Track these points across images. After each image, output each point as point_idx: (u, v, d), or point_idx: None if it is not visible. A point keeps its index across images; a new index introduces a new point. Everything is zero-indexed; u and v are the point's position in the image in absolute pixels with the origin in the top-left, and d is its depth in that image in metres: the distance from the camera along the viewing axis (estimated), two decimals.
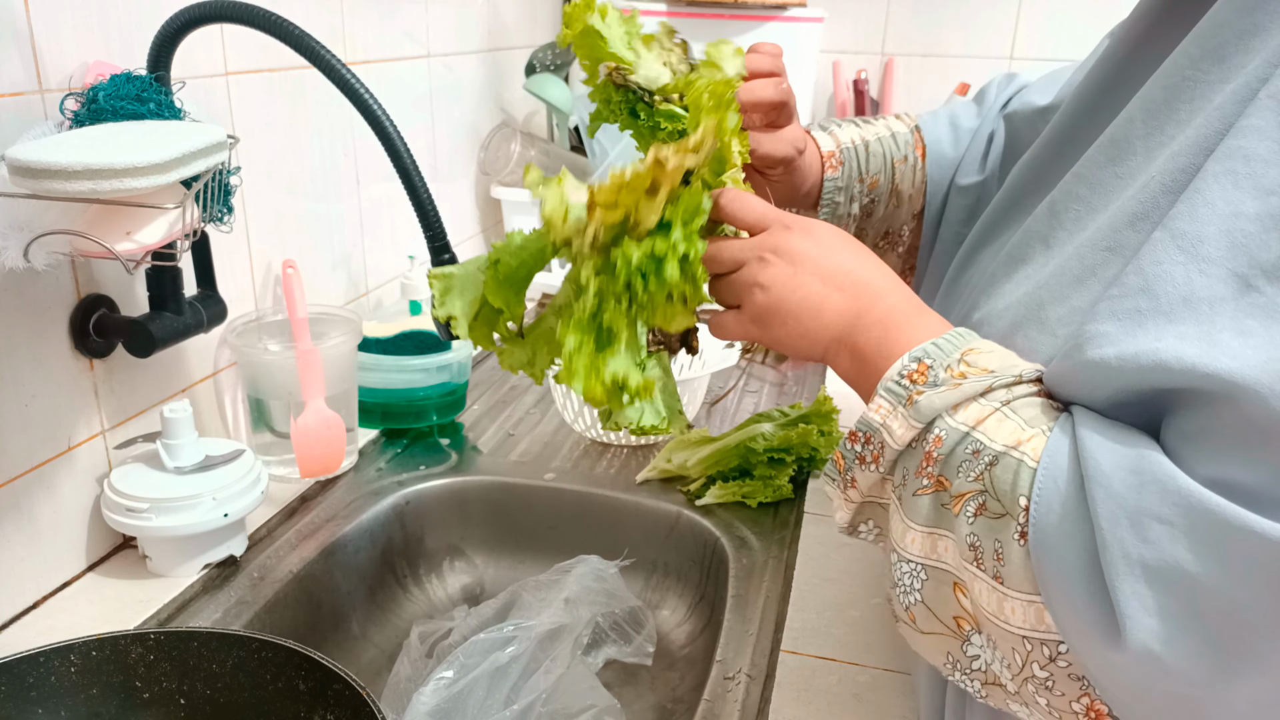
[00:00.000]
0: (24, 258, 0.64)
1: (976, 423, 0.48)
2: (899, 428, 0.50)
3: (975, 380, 0.49)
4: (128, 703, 0.61)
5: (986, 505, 0.47)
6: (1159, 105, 0.51)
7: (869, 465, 0.52)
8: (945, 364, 0.50)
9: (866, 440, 0.52)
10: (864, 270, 0.57)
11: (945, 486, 0.48)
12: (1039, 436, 0.47)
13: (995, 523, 0.46)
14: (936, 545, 0.49)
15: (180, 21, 0.72)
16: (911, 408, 0.50)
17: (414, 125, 1.30)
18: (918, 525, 0.50)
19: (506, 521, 1.02)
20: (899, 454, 0.51)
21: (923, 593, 0.50)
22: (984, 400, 0.49)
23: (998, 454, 0.47)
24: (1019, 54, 1.71)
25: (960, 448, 0.48)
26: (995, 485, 0.46)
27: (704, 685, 0.72)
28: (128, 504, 0.77)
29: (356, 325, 0.96)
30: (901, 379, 0.51)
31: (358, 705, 0.56)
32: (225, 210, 0.76)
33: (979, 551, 0.47)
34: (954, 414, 0.49)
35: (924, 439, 0.50)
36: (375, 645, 0.92)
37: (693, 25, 1.59)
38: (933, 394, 0.49)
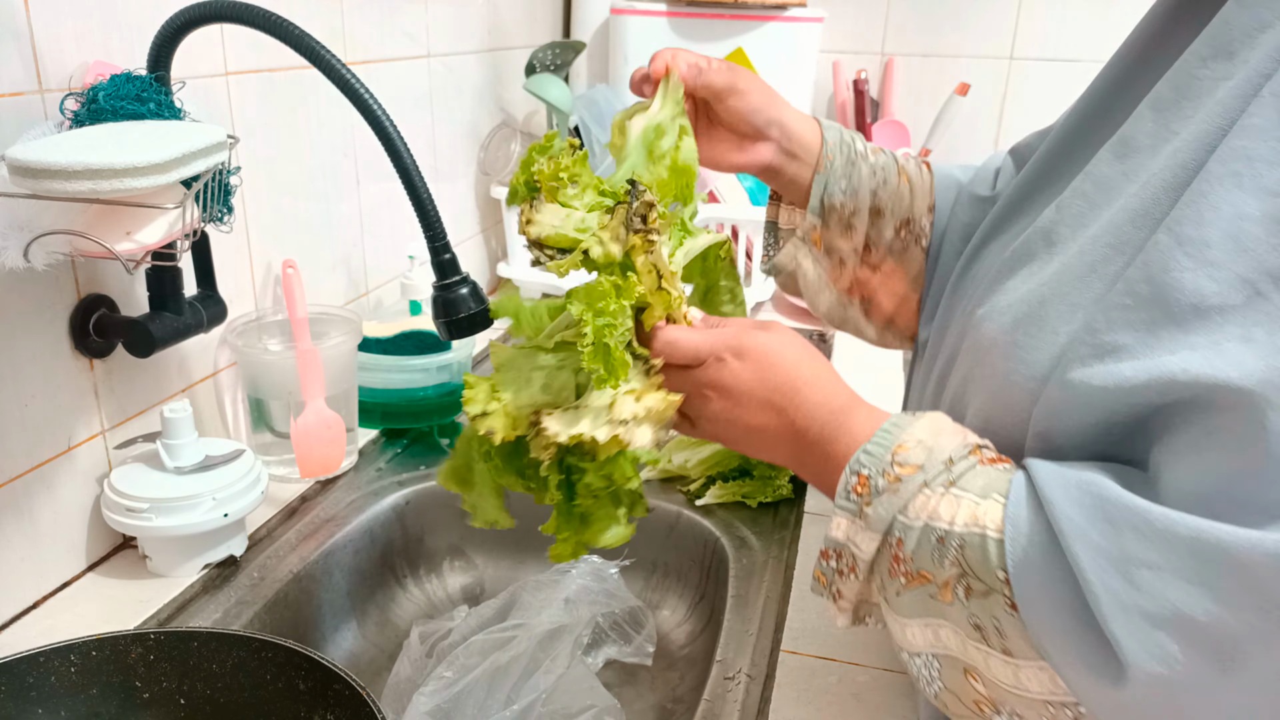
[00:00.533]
0: (24, 258, 0.64)
1: (930, 513, 0.49)
2: (863, 540, 0.52)
3: (909, 479, 0.50)
4: (128, 703, 0.61)
5: (971, 586, 0.47)
6: (1167, 104, 0.51)
7: (848, 576, 0.53)
8: (880, 469, 0.51)
9: (838, 555, 0.53)
10: (800, 384, 0.58)
11: (926, 579, 0.49)
12: (994, 506, 0.48)
13: (985, 601, 0.47)
14: (938, 634, 0.50)
15: (180, 21, 0.72)
16: (865, 519, 0.51)
17: (414, 125, 1.30)
18: (911, 619, 0.51)
19: None
20: (870, 561, 0.52)
21: (943, 681, 0.51)
22: (927, 491, 0.50)
23: (962, 535, 0.48)
24: (1019, 54, 1.71)
25: (923, 540, 0.49)
26: (971, 566, 0.47)
27: (704, 685, 0.72)
28: (128, 504, 0.77)
29: (356, 325, 0.96)
30: (849, 494, 0.52)
31: (357, 705, 0.56)
32: (225, 210, 0.76)
33: (984, 630, 0.47)
34: (905, 513, 0.50)
35: (888, 543, 0.51)
36: (375, 645, 0.92)
37: (693, 25, 1.59)
38: (877, 504, 0.51)
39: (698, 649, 0.91)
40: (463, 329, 0.75)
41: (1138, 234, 0.48)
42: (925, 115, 1.73)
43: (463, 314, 0.74)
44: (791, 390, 0.58)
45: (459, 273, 0.74)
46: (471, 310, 0.74)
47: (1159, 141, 0.50)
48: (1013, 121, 1.75)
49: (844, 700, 0.69)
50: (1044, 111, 0.90)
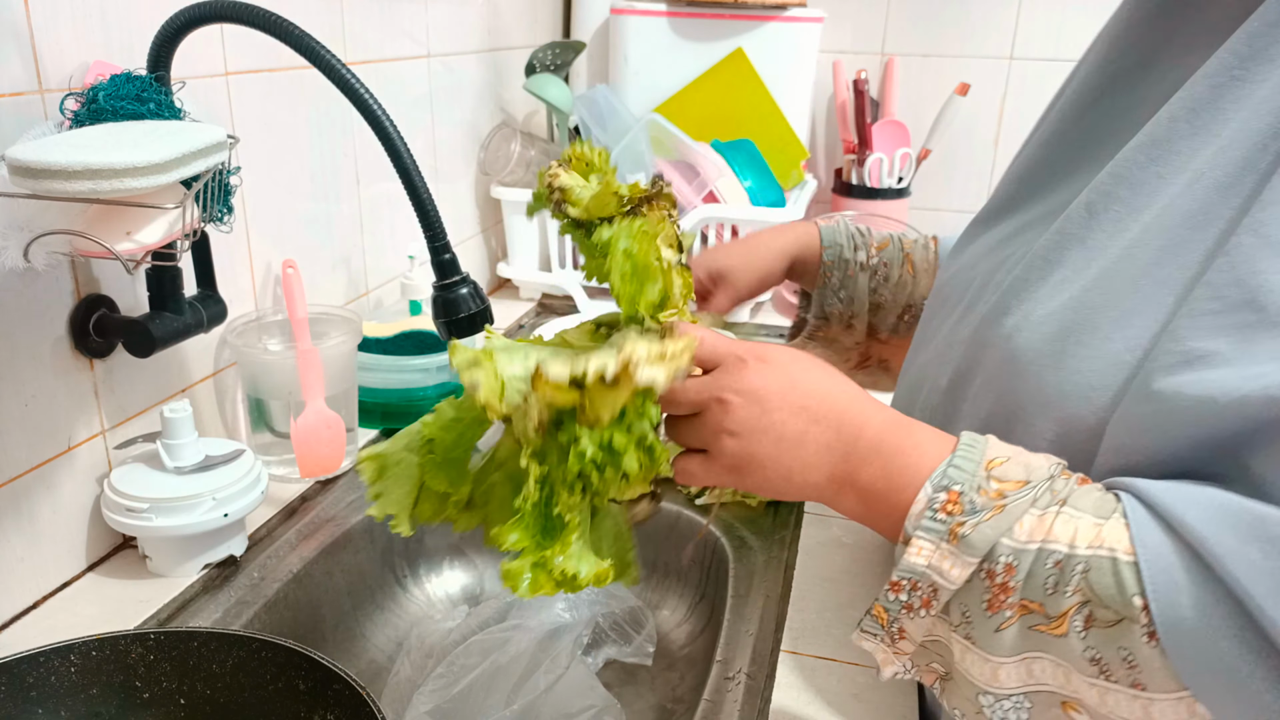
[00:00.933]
0: (24, 258, 0.64)
1: (1044, 535, 0.45)
2: (951, 567, 0.46)
3: (1017, 496, 0.46)
4: (128, 703, 0.61)
5: (1095, 615, 0.44)
6: (1204, 104, 0.49)
7: (918, 612, 0.48)
8: (975, 486, 0.47)
9: (913, 587, 0.47)
10: (837, 393, 0.52)
11: (1033, 609, 0.45)
12: (1117, 526, 0.44)
13: (1112, 631, 0.43)
14: (1032, 670, 0.46)
15: (180, 21, 0.72)
16: (960, 543, 0.46)
17: (414, 125, 1.30)
18: (1006, 657, 0.46)
19: None
20: (955, 593, 0.47)
21: None
22: (1036, 509, 0.46)
23: (1086, 559, 0.44)
24: (1019, 54, 1.71)
25: (1038, 566, 0.45)
26: (1097, 592, 0.43)
27: (704, 685, 0.72)
28: (128, 504, 0.77)
29: (356, 325, 0.96)
30: (935, 514, 0.47)
31: (358, 705, 0.56)
32: (225, 210, 0.76)
33: (1104, 664, 0.44)
34: (1012, 535, 0.45)
35: (988, 571, 0.46)
36: (375, 645, 0.92)
37: (693, 25, 1.59)
38: (980, 525, 0.45)
39: (698, 649, 0.91)
40: (463, 329, 0.75)
41: (1190, 235, 0.46)
42: (925, 115, 1.74)
43: (463, 314, 0.74)
44: (828, 396, 0.51)
45: (459, 273, 0.74)
46: (471, 310, 0.74)
47: (1198, 143, 0.49)
48: (1013, 121, 1.75)
49: (844, 700, 0.69)
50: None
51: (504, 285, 1.62)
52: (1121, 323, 0.48)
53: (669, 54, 1.61)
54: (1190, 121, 0.50)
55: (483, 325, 0.75)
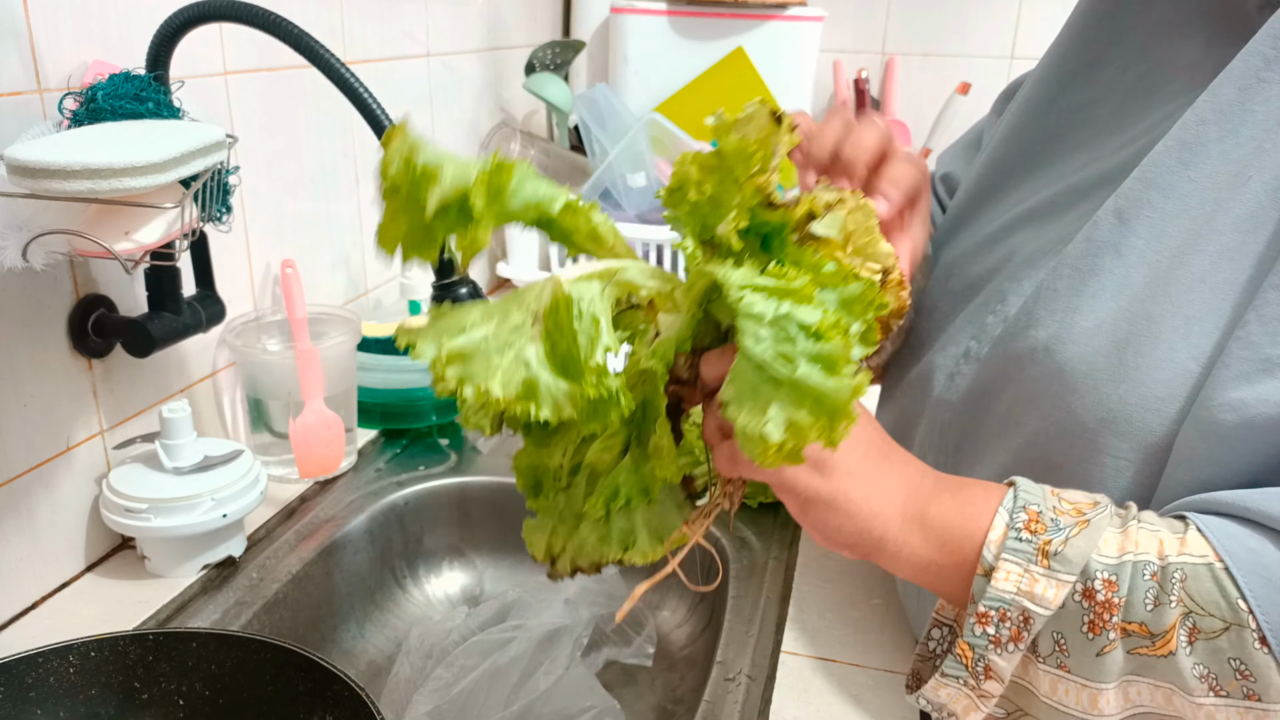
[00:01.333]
0: (22, 257, 0.64)
1: (1132, 549, 0.44)
2: (1045, 589, 0.44)
3: (1096, 512, 0.45)
4: (127, 703, 0.61)
5: (1199, 626, 0.42)
6: (1233, 107, 0.49)
7: (1006, 646, 0.45)
8: (1050, 505, 0.45)
9: (1002, 618, 0.45)
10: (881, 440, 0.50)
11: (1133, 631, 0.44)
12: (1195, 535, 0.43)
13: (1218, 641, 0.42)
14: (1128, 694, 0.45)
15: (179, 21, 0.72)
16: (1054, 560, 0.44)
17: (414, 124, 1.29)
18: (1109, 683, 0.44)
19: (506, 522, 1.01)
20: (1048, 620, 0.45)
21: None
22: (1116, 525, 0.45)
23: (1181, 566, 0.43)
24: (1019, 53, 1.71)
25: (1137, 581, 0.43)
26: (1198, 601, 0.42)
27: (704, 686, 0.72)
28: (126, 504, 0.76)
29: (356, 325, 0.96)
30: (1019, 533, 0.45)
31: (357, 706, 0.56)
32: (224, 210, 0.76)
33: (1214, 679, 0.42)
34: (1101, 551, 0.44)
35: (1084, 590, 0.44)
36: (375, 646, 0.92)
37: (693, 24, 1.59)
38: (1074, 539, 0.44)
39: (698, 649, 0.91)
40: None
41: (1244, 240, 0.46)
42: (926, 115, 1.73)
43: None
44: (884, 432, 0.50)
45: (458, 273, 0.74)
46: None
47: (1229, 146, 0.49)
48: None
49: (844, 701, 0.69)
50: None
51: (503, 285, 1.62)
52: (1183, 330, 0.47)
53: (669, 53, 1.61)
54: (1220, 124, 0.50)
55: None
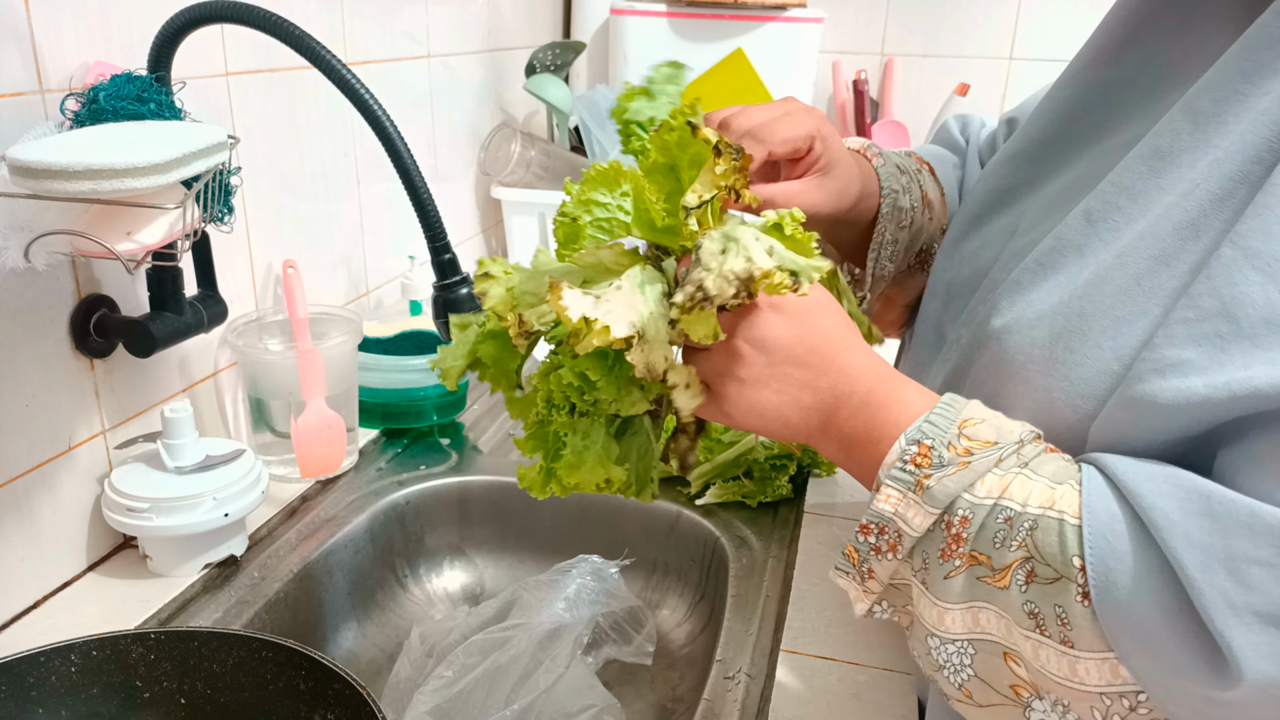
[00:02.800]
0: (24, 258, 0.65)
1: (1001, 492, 0.47)
2: (915, 515, 0.48)
3: (983, 455, 0.48)
4: (128, 702, 0.61)
5: (1035, 571, 0.45)
6: (1207, 117, 0.50)
7: (885, 555, 0.50)
8: (945, 441, 0.49)
9: (880, 531, 0.50)
10: (840, 348, 0.54)
11: (980, 561, 0.47)
12: (1070, 492, 0.46)
13: (1049, 588, 0.45)
14: (978, 619, 0.48)
15: (181, 22, 0.72)
16: (924, 494, 0.48)
17: (414, 125, 1.30)
18: (954, 604, 0.48)
19: (507, 521, 1.02)
20: (917, 540, 0.49)
21: (974, 668, 0.49)
22: (999, 469, 0.48)
23: (1035, 517, 0.46)
24: (1019, 54, 1.71)
25: (990, 520, 0.47)
26: (1040, 550, 0.45)
27: (704, 685, 0.72)
28: (128, 504, 0.77)
29: (357, 325, 0.96)
30: (905, 465, 0.49)
31: (358, 705, 0.56)
32: (226, 210, 0.76)
33: (1040, 619, 0.45)
34: (972, 490, 0.48)
35: (945, 521, 0.48)
36: (375, 645, 0.93)
37: (693, 25, 1.59)
38: (944, 477, 0.48)
39: (698, 649, 0.91)
40: None
41: (1183, 245, 0.47)
42: (925, 116, 1.74)
43: (463, 314, 0.74)
44: (831, 351, 0.53)
45: (459, 273, 0.74)
46: (471, 310, 0.74)
47: (1197, 155, 0.49)
48: None
49: (844, 700, 0.69)
50: None
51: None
52: (1111, 331, 0.49)
53: (669, 54, 1.60)
54: (1192, 134, 0.50)
55: None
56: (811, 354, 0.53)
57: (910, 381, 0.54)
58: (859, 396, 0.53)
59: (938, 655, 0.50)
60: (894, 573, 0.51)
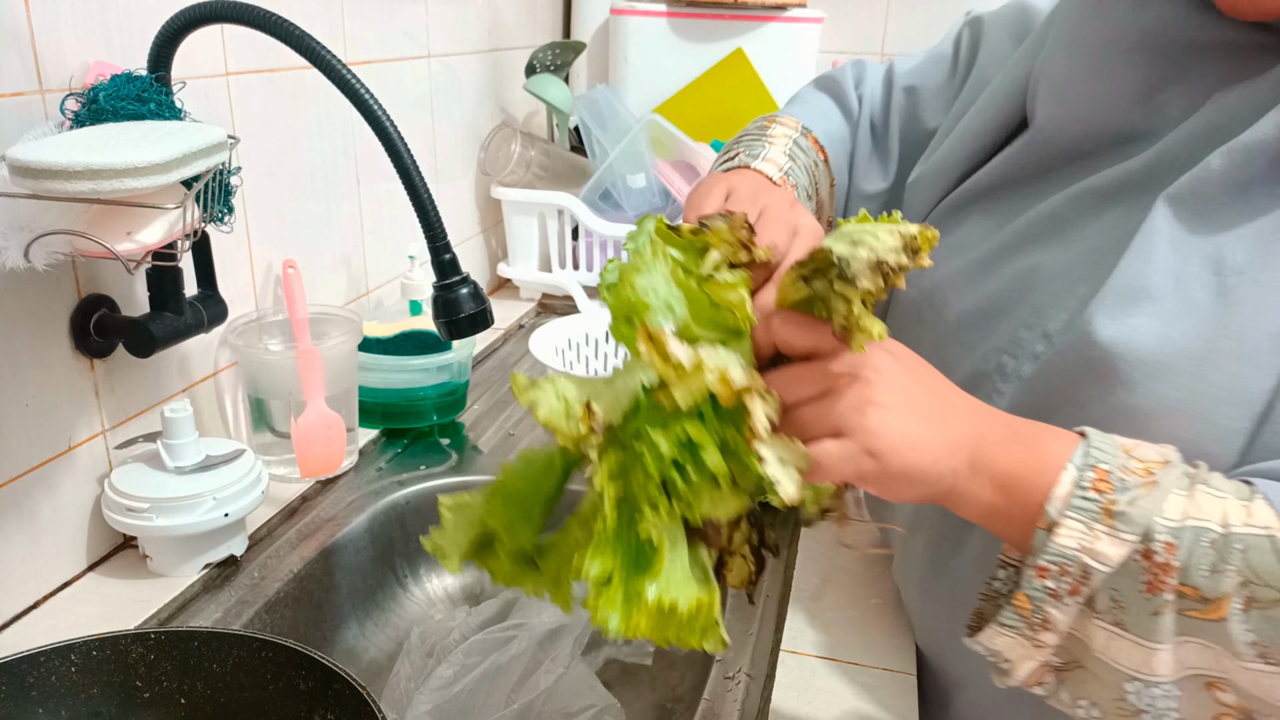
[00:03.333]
0: (24, 258, 0.65)
1: (1195, 514, 0.44)
2: (1107, 548, 0.44)
3: (1165, 473, 0.45)
4: (128, 702, 0.61)
5: (1255, 596, 0.42)
6: None
7: (1065, 600, 0.46)
8: (1119, 464, 0.45)
9: (1061, 572, 0.45)
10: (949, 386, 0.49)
11: (1187, 594, 0.44)
12: (1262, 506, 0.44)
13: (1273, 611, 0.42)
14: (1179, 655, 0.45)
15: (180, 22, 0.72)
16: (1119, 520, 0.44)
17: (414, 125, 1.30)
18: (1162, 644, 0.45)
19: None
20: (1106, 577, 0.45)
21: (1181, 710, 0.46)
22: (1181, 489, 0.44)
23: (1244, 537, 0.43)
24: None
25: (1196, 546, 0.43)
26: (1259, 572, 0.42)
27: (704, 685, 0.72)
28: (128, 504, 0.77)
29: (357, 325, 0.96)
30: (1086, 492, 0.45)
31: (358, 705, 0.56)
32: (226, 210, 0.76)
33: (1264, 646, 0.43)
34: (1164, 514, 0.44)
35: (1144, 551, 0.44)
36: (375, 645, 0.93)
37: (693, 25, 1.59)
38: (1141, 500, 0.44)
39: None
40: (463, 329, 0.75)
41: None
42: None
43: (463, 314, 0.74)
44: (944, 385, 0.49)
45: (459, 273, 0.74)
46: (471, 310, 0.74)
47: None
48: None
49: (844, 700, 0.69)
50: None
51: (504, 285, 1.62)
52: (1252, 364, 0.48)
53: (669, 54, 1.61)
54: None
55: (483, 326, 0.76)
56: (932, 385, 0.48)
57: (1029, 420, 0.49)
58: (1002, 429, 0.48)
59: (1138, 701, 0.46)
60: (1074, 623, 0.47)
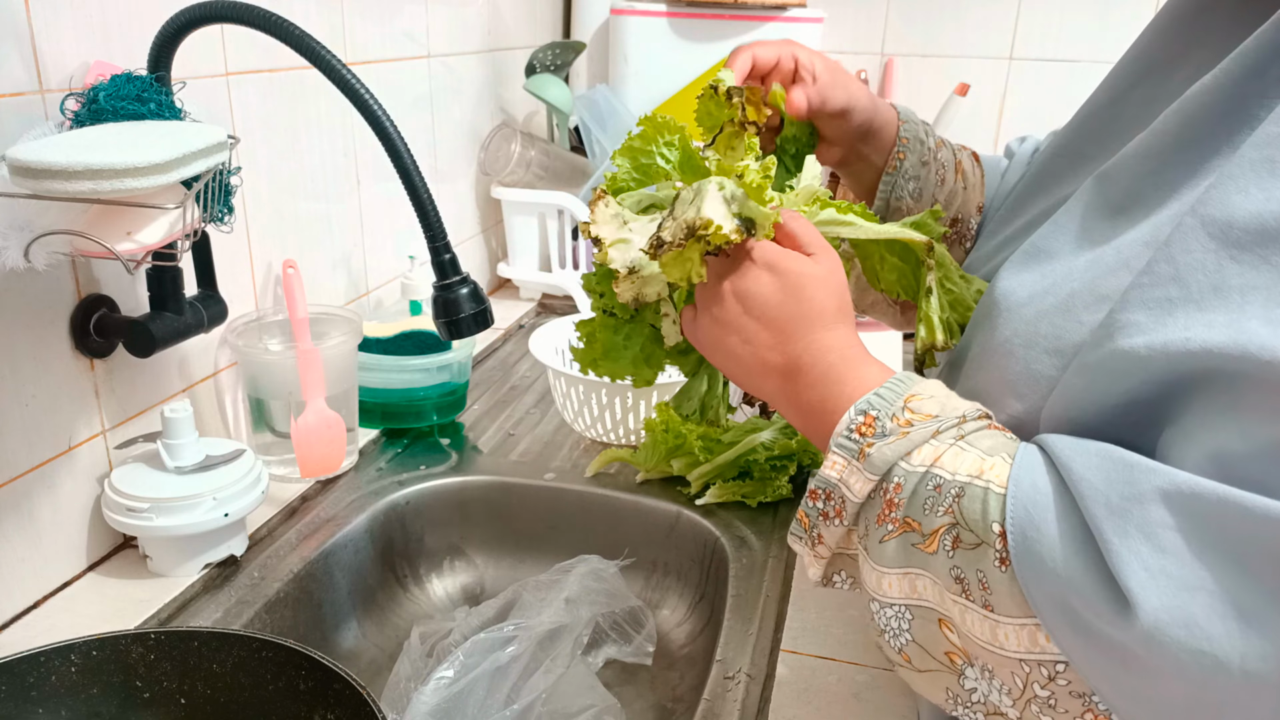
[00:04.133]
0: (24, 258, 0.65)
1: (934, 461, 0.49)
2: (856, 482, 0.51)
3: (922, 426, 0.50)
4: (128, 702, 0.61)
5: (960, 538, 0.47)
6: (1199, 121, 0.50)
7: (833, 520, 0.53)
8: (890, 413, 0.51)
9: (827, 496, 0.52)
10: (820, 325, 0.57)
11: (913, 527, 0.49)
12: (1001, 463, 0.48)
13: (972, 553, 0.46)
14: (915, 585, 0.50)
15: (180, 22, 0.72)
16: (865, 461, 0.50)
17: (414, 125, 1.30)
18: (890, 569, 0.50)
19: (507, 521, 1.02)
20: (860, 506, 0.51)
21: (912, 633, 0.51)
22: (936, 441, 0.50)
23: (962, 485, 0.47)
24: (1018, 54, 1.71)
25: (921, 487, 0.49)
26: (965, 516, 0.47)
27: (704, 685, 0.72)
28: (128, 504, 0.77)
29: (357, 325, 0.96)
30: (850, 433, 0.51)
31: (358, 705, 0.56)
32: (226, 210, 0.76)
33: (965, 584, 0.47)
34: (909, 459, 0.50)
35: (882, 488, 0.50)
36: (375, 645, 0.93)
37: (693, 25, 1.59)
38: (883, 445, 0.50)
39: (698, 649, 0.91)
40: (463, 329, 0.75)
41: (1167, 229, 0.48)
42: (925, 115, 1.72)
43: (463, 314, 0.74)
44: (807, 323, 0.57)
45: (459, 273, 0.74)
46: (472, 310, 0.74)
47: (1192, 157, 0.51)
48: (1012, 121, 1.75)
49: (844, 700, 0.69)
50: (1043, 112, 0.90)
51: (504, 285, 1.62)
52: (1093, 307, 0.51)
53: (669, 54, 1.61)
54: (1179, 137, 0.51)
55: (483, 326, 0.76)
56: (789, 320, 0.57)
57: (877, 361, 0.56)
58: (820, 369, 0.56)
59: (879, 620, 0.52)
60: (840, 538, 0.54)
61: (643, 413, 1.02)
